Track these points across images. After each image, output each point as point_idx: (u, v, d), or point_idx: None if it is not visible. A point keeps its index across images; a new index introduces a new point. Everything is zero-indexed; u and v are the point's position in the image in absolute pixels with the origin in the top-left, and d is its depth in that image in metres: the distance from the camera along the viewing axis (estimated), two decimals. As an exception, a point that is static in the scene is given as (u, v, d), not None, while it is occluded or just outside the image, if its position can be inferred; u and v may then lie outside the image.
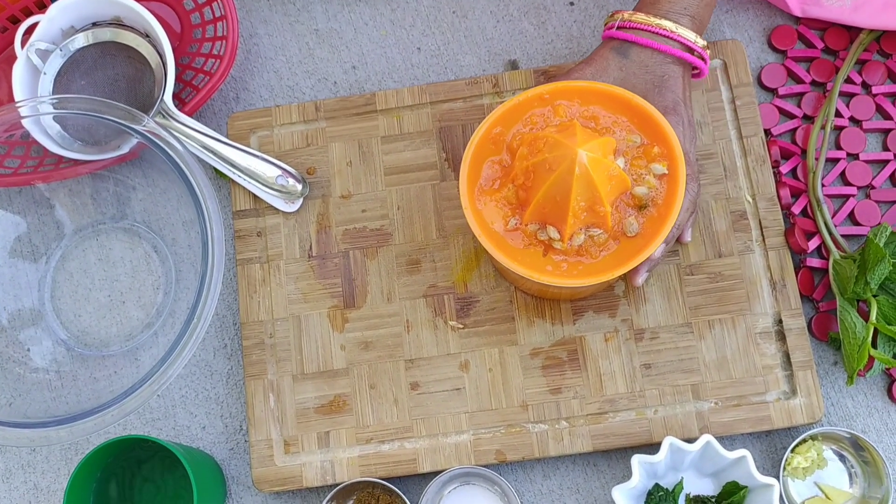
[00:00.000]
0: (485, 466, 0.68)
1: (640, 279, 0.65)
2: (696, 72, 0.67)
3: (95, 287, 0.76)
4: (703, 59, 0.66)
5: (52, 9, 0.73)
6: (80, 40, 0.75)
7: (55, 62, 0.75)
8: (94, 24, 0.76)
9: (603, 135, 0.60)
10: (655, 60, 0.64)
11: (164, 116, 0.72)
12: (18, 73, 0.73)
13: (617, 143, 0.60)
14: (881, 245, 0.65)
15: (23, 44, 0.74)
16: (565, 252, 0.60)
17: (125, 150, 0.72)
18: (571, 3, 0.79)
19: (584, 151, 0.56)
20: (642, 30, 0.64)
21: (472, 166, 0.61)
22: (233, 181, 0.74)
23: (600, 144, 0.57)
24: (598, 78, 0.64)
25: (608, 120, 0.61)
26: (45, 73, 0.74)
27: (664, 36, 0.64)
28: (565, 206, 0.57)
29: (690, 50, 0.65)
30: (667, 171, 0.59)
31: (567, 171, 0.56)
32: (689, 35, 0.64)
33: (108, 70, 0.76)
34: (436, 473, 0.68)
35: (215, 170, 0.75)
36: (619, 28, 0.65)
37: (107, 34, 0.76)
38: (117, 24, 0.76)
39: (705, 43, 0.65)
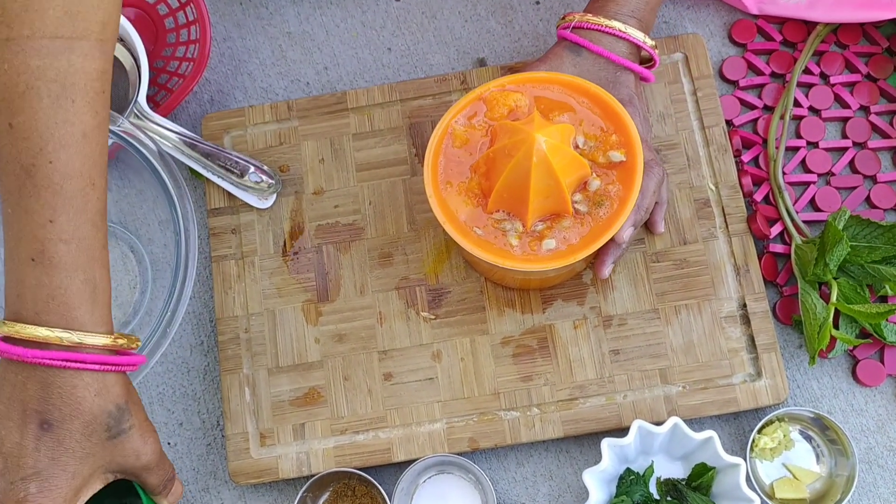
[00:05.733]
0: (458, 454, 0.69)
1: (606, 270, 0.67)
2: (641, 78, 0.69)
3: None
4: (650, 58, 0.68)
5: None
6: None
7: None
8: (70, 30, 0.77)
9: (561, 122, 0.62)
10: (605, 59, 0.66)
11: (138, 117, 0.73)
12: None
13: (577, 131, 0.62)
14: (840, 228, 0.67)
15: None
16: (529, 238, 0.61)
17: (111, 140, 0.72)
18: (537, 3, 0.81)
19: (542, 137, 0.57)
20: (593, 30, 0.66)
21: (436, 157, 0.63)
22: (207, 180, 0.75)
23: (559, 130, 0.59)
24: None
25: (574, 106, 0.63)
26: None
27: (613, 35, 0.66)
28: (525, 192, 0.59)
29: (639, 49, 0.67)
30: (624, 159, 0.61)
31: (525, 156, 0.58)
32: (638, 35, 0.66)
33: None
34: (410, 462, 0.69)
35: (190, 169, 0.77)
36: (573, 29, 0.67)
37: None
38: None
39: (654, 42, 0.67)
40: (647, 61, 0.69)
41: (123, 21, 0.74)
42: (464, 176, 0.63)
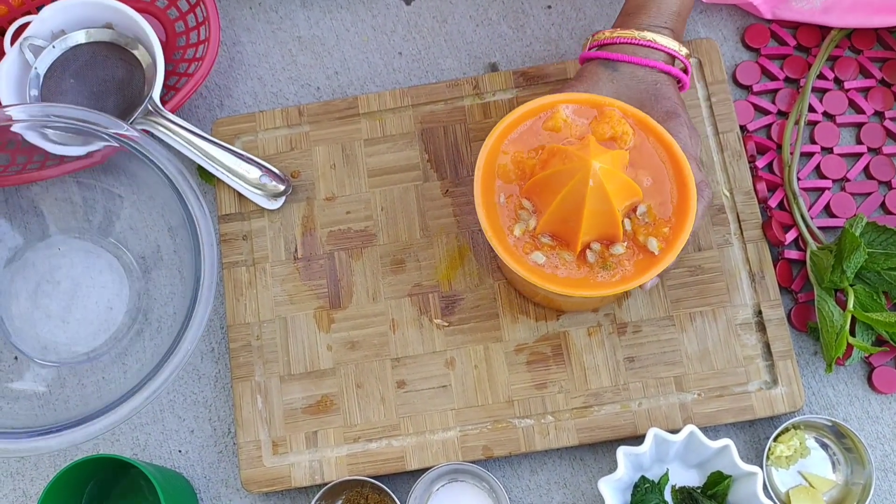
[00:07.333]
0: (472, 462, 0.68)
1: (649, 285, 0.62)
2: (679, 84, 0.67)
3: (77, 294, 0.76)
4: (685, 69, 0.66)
5: (46, 10, 0.75)
6: (79, 37, 0.76)
7: (47, 58, 0.76)
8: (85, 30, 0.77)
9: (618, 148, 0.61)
10: (644, 70, 0.65)
11: (151, 113, 0.73)
12: (6, 67, 0.74)
13: (646, 199, 0.60)
14: (857, 234, 0.66)
15: (11, 43, 0.75)
16: (527, 240, 0.61)
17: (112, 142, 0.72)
18: (549, 7, 0.81)
19: (597, 163, 0.57)
20: (627, 44, 0.64)
21: (521, 120, 0.62)
22: (218, 183, 0.75)
23: (613, 156, 0.58)
24: (591, 92, 0.64)
25: (665, 179, 0.61)
26: (35, 69, 0.75)
27: (649, 47, 0.64)
28: (577, 218, 0.58)
29: (672, 59, 0.65)
30: (657, 253, 0.60)
31: (581, 182, 0.57)
32: (673, 44, 0.65)
33: (98, 70, 0.77)
34: (424, 471, 0.68)
35: (200, 170, 0.76)
36: (600, 47, 0.65)
37: (104, 34, 0.77)
38: (108, 29, 0.77)
39: (688, 51, 0.66)
40: (679, 80, 0.67)
41: (140, 20, 0.74)
42: (531, 154, 0.62)
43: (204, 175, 0.77)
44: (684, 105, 0.66)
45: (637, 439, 0.68)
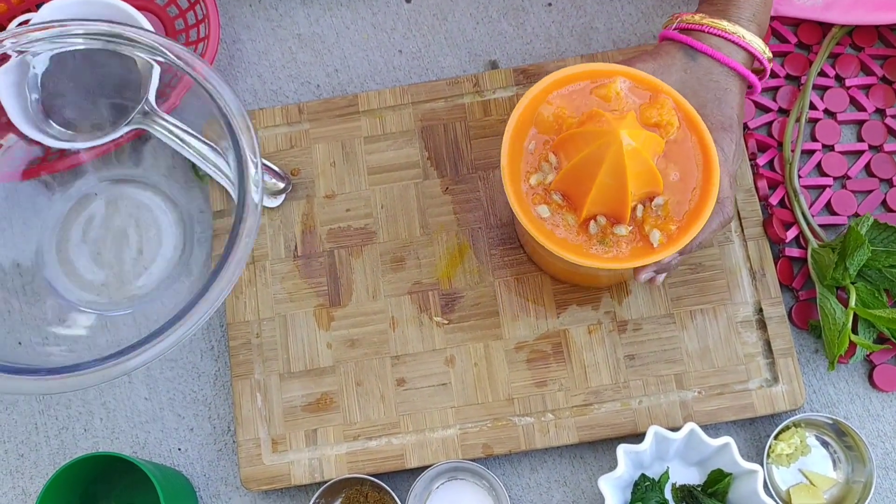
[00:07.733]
0: (472, 460, 0.68)
1: (642, 275, 0.62)
2: (749, 88, 0.65)
3: (126, 238, 0.75)
4: (762, 71, 0.64)
5: (45, 8, 0.75)
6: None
7: (45, 58, 0.75)
8: (81, 30, 0.77)
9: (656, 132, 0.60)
10: (721, 70, 0.62)
11: (147, 114, 0.73)
12: (5, 67, 0.74)
13: (666, 192, 0.60)
14: (862, 233, 0.66)
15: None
16: (539, 192, 0.61)
17: (122, 132, 0.71)
18: (549, 5, 0.81)
19: (626, 135, 0.56)
20: (714, 34, 0.62)
21: (568, 81, 0.61)
22: (212, 181, 0.75)
23: (647, 138, 0.58)
24: (662, 73, 0.63)
25: (692, 178, 0.60)
26: (33, 68, 0.75)
27: (736, 44, 0.62)
28: (589, 183, 0.58)
29: (751, 59, 0.63)
30: (656, 246, 0.59)
31: (601, 148, 0.57)
32: (759, 45, 0.63)
33: (96, 69, 0.77)
34: (423, 469, 0.68)
35: (194, 170, 0.76)
36: (683, 31, 0.63)
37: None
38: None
39: (771, 56, 0.64)
40: (758, 72, 0.65)
41: (140, 18, 0.74)
42: (573, 113, 0.61)
43: (198, 172, 0.76)
44: (742, 121, 0.63)
45: (637, 437, 0.68)
